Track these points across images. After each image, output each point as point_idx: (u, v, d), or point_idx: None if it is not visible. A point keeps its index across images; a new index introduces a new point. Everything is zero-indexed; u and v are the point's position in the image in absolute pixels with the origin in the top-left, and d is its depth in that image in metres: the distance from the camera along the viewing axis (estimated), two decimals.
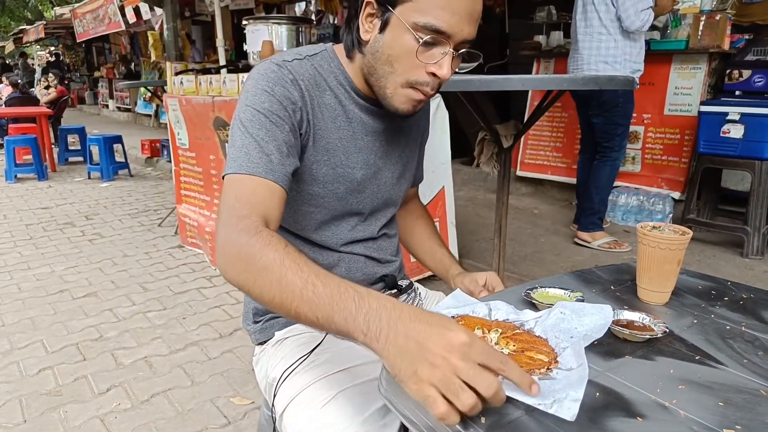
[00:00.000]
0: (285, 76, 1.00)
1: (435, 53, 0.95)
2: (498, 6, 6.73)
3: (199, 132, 3.67)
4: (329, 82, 1.07)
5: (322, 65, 1.08)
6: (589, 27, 3.41)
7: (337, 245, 1.15)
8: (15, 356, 2.55)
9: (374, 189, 1.15)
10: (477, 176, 5.60)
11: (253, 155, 0.94)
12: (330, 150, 1.07)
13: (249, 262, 0.81)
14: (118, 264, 3.84)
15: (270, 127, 0.97)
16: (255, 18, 3.28)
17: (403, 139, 1.21)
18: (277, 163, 0.95)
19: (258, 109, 0.97)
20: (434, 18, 0.91)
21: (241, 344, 2.64)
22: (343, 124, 1.08)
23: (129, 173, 7.27)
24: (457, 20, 0.92)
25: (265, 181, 0.93)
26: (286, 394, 1.02)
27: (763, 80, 3.86)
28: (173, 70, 4.00)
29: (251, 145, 0.95)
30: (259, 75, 1.01)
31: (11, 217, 5.14)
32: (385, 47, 0.97)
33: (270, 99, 0.98)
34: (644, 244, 1.02)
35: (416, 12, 0.92)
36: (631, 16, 3.24)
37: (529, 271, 3.30)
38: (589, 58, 3.42)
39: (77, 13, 12.40)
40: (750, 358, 0.82)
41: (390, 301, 0.72)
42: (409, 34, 0.93)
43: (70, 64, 20.78)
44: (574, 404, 0.66)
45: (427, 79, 0.97)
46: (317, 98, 1.05)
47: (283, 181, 0.96)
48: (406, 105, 1.01)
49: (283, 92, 0.99)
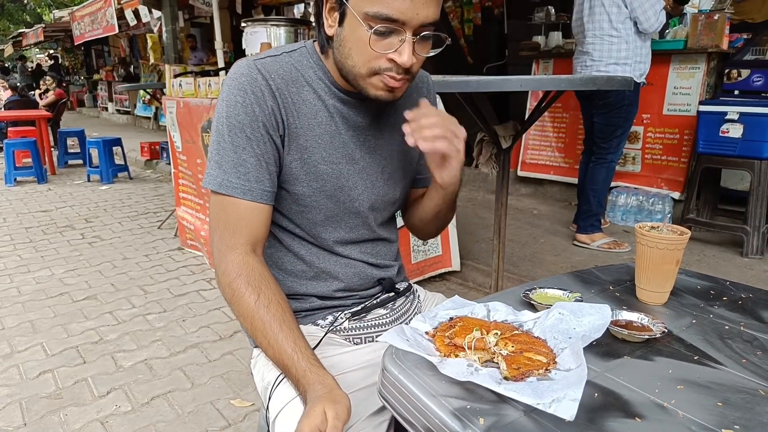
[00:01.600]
0: (255, 78, 1.01)
1: (392, 41, 0.93)
2: (497, 7, 6.74)
3: (188, 135, 3.68)
4: (307, 78, 1.06)
5: (301, 61, 1.07)
6: (598, 29, 3.39)
7: (333, 246, 1.14)
8: (15, 359, 2.55)
9: (367, 185, 1.13)
10: (476, 177, 5.61)
11: (232, 173, 1.01)
12: (309, 147, 1.06)
13: (231, 301, 1.02)
14: (117, 267, 3.84)
15: (246, 142, 1.01)
16: (253, 20, 3.29)
17: (395, 135, 1.14)
18: (254, 180, 1.01)
19: (234, 122, 1.01)
20: (384, 6, 0.90)
21: (241, 346, 2.64)
22: (324, 119, 1.07)
23: (128, 176, 7.27)
24: (410, 5, 0.90)
25: (246, 202, 1.02)
26: (280, 399, 1.02)
27: (762, 79, 3.85)
28: (172, 72, 4.01)
29: (230, 162, 1.01)
30: (231, 82, 1.02)
31: (11, 220, 5.13)
32: (344, 40, 0.97)
33: (245, 111, 1.00)
34: (642, 244, 1.02)
35: (367, 2, 0.91)
36: (650, 18, 3.24)
37: (528, 272, 3.30)
38: (600, 60, 3.41)
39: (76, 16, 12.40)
40: (749, 357, 0.83)
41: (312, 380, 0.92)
42: (362, 25, 0.92)
43: (69, 67, 20.79)
44: (572, 404, 0.66)
45: (388, 65, 0.96)
46: (294, 95, 1.05)
47: (263, 197, 1.03)
48: (380, 92, 0.99)
49: (255, 100, 1.01)
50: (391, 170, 1.17)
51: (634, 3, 3.25)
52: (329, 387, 0.90)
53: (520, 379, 0.75)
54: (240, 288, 0.99)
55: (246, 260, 1.01)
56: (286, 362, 0.94)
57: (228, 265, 1.01)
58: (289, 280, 1.15)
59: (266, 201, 1.03)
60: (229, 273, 1.01)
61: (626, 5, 3.28)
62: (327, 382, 0.90)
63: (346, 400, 0.88)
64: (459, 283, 3.41)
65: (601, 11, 3.36)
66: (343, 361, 1.08)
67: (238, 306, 1.00)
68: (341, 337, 1.16)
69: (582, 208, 3.73)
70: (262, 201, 1.03)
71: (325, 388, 0.89)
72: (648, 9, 3.24)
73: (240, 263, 1.01)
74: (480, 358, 0.80)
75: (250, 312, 0.98)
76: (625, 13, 3.30)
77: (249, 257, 1.02)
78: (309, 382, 0.91)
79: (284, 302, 1.00)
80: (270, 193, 1.04)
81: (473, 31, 6.95)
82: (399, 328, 0.85)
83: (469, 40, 6.96)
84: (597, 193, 3.65)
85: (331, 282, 1.15)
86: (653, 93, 4.24)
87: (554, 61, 4.99)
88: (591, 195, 3.64)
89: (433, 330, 0.88)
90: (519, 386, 0.72)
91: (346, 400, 0.88)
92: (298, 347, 0.94)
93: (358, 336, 1.17)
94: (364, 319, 1.18)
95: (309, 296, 1.16)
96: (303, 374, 0.92)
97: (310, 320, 1.16)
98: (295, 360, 0.93)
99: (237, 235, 1.02)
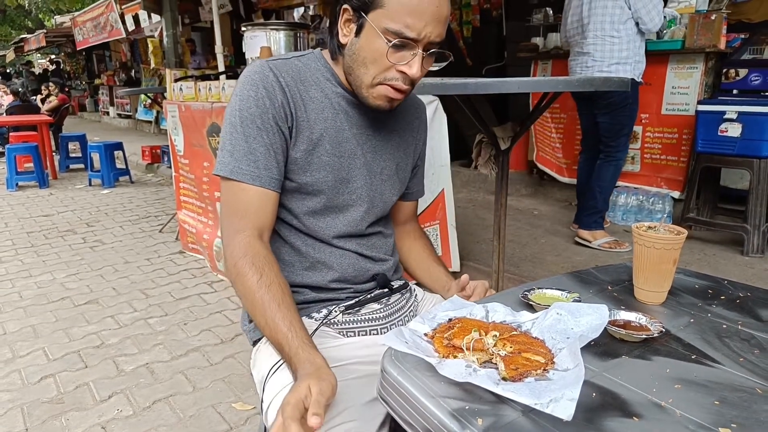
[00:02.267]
0: (267, 75, 1.10)
1: (405, 55, 1.04)
2: (495, 9, 6.74)
3: (194, 139, 3.68)
4: (315, 78, 1.15)
5: (309, 64, 1.17)
6: (600, 30, 3.39)
7: (329, 237, 1.19)
8: (17, 364, 2.56)
9: (366, 181, 1.20)
10: (476, 178, 5.61)
11: (243, 161, 1.08)
12: (315, 140, 1.13)
13: (235, 281, 1.06)
14: (119, 270, 3.84)
15: (257, 132, 1.08)
16: (253, 24, 3.29)
17: (395, 138, 1.26)
18: (263, 168, 1.09)
19: (246, 114, 1.08)
20: (403, 23, 1.01)
21: (243, 349, 2.64)
22: (330, 115, 1.15)
23: (130, 180, 7.29)
24: (424, 25, 1.01)
25: (255, 188, 1.09)
26: (273, 389, 1.06)
27: (760, 78, 3.86)
28: (173, 76, 4.02)
29: (241, 150, 1.08)
30: (246, 79, 1.11)
31: (12, 225, 5.15)
32: (360, 50, 1.07)
33: (256, 103, 1.08)
34: (640, 244, 1.02)
35: (387, 18, 1.01)
36: (654, 18, 3.28)
37: (529, 273, 3.30)
38: (602, 60, 3.42)
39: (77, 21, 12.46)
40: (746, 356, 0.83)
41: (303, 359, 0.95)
42: (381, 38, 1.03)
43: (70, 71, 20.83)
44: (570, 404, 0.67)
45: (396, 75, 1.06)
46: (302, 92, 1.13)
47: (271, 184, 1.10)
48: (380, 101, 1.10)
49: (266, 94, 1.08)
50: (390, 172, 1.25)
51: (638, 4, 3.27)
52: (317, 365, 0.93)
53: (518, 379, 0.75)
54: (244, 267, 1.04)
55: (252, 242, 1.07)
56: (280, 340, 0.98)
57: (235, 247, 1.07)
58: (285, 271, 1.18)
59: (274, 188, 1.10)
60: (235, 254, 1.06)
61: (629, 6, 3.30)
62: (316, 362, 0.94)
63: (332, 378, 0.91)
64: None
65: (603, 12, 3.37)
66: (338, 353, 1.12)
67: (241, 285, 1.04)
68: (335, 331, 1.19)
69: (587, 204, 3.73)
70: (270, 187, 1.10)
71: (313, 366, 0.93)
72: (651, 9, 3.26)
73: (246, 245, 1.07)
74: (478, 359, 0.80)
75: (251, 291, 1.03)
76: (628, 13, 3.31)
77: (255, 240, 1.08)
78: (300, 360, 0.94)
79: (285, 285, 1.05)
80: (277, 181, 1.11)
81: (472, 33, 6.95)
82: (398, 330, 0.86)
83: (467, 42, 6.96)
84: (604, 190, 3.67)
85: (326, 272, 1.19)
86: (652, 93, 4.24)
87: (553, 62, 5.00)
88: (598, 192, 3.66)
89: (431, 331, 0.89)
90: (517, 386, 0.72)
91: (332, 377, 0.91)
92: (294, 327, 0.99)
93: (352, 330, 1.20)
94: (358, 313, 1.21)
95: (303, 287, 1.20)
96: (295, 352, 0.95)
97: (304, 313, 1.19)
98: (289, 338, 0.97)
99: (245, 219, 1.09)
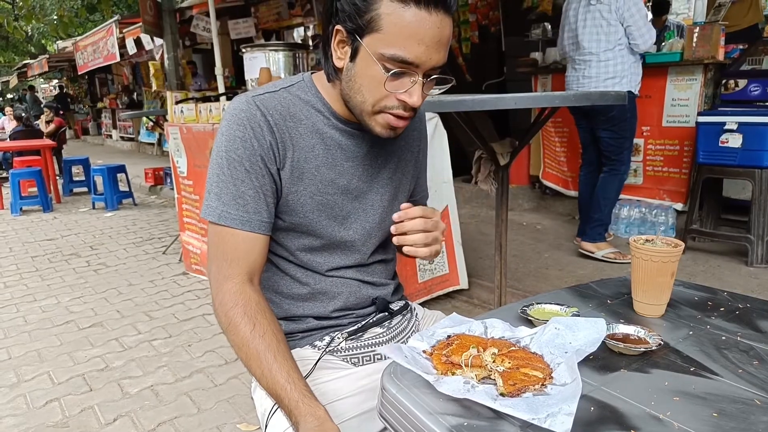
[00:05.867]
0: (254, 114, 1.03)
1: (404, 82, 0.96)
2: (493, 25, 6.80)
3: (197, 160, 3.71)
4: (305, 112, 1.08)
5: (299, 95, 1.09)
6: (594, 47, 3.44)
7: (327, 270, 1.15)
8: (22, 389, 2.55)
9: (361, 215, 1.15)
10: (479, 194, 5.61)
11: (231, 205, 1.03)
12: (306, 180, 1.08)
13: (228, 331, 1.03)
14: (123, 293, 3.85)
15: (245, 175, 1.03)
16: (252, 45, 3.34)
17: (393, 161, 1.19)
18: (253, 211, 1.04)
19: (234, 155, 1.03)
20: (401, 49, 0.92)
21: (246, 370, 2.63)
22: (320, 152, 1.08)
23: (133, 202, 7.32)
24: (425, 50, 0.93)
25: (244, 233, 1.04)
26: (277, 427, 1.03)
27: (759, 89, 3.87)
28: (174, 99, 4.06)
29: (229, 194, 1.03)
30: (231, 117, 1.05)
31: (17, 249, 5.17)
32: (356, 76, 0.99)
33: (243, 144, 1.03)
34: (637, 257, 1.03)
35: (383, 43, 0.93)
36: (644, 34, 3.33)
37: (533, 287, 3.29)
38: (598, 77, 3.47)
39: (79, 45, 12.61)
40: (745, 368, 0.83)
41: None
42: (377, 65, 0.94)
43: (73, 95, 21.02)
44: (567, 418, 0.67)
45: (396, 104, 0.99)
46: (291, 129, 1.06)
47: (261, 228, 1.05)
48: (384, 130, 1.03)
49: (254, 134, 1.03)
50: (389, 197, 1.19)
51: (629, 20, 3.31)
52: (320, 419, 0.91)
53: (516, 394, 0.75)
54: (236, 318, 1.01)
55: (242, 290, 1.03)
56: (279, 392, 0.95)
57: (225, 295, 1.03)
58: (286, 303, 1.16)
59: (264, 231, 1.06)
60: (225, 303, 1.02)
61: (622, 23, 3.34)
62: (318, 414, 0.92)
63: None
64: (464, 301, 3.40)
65: (599, 30, 3.41)
66: (339, 387, 1.09)
67: (234, 335, 1.01)
68: (338, 358, 1.17)
69: (591, 217, 3.74)
70: (260, 231, 1.05)
71: (317, 421, 0.91)
72: (642, 26, 3.32)
73: (236, 293, 1.02)
74: (477, 375, 0.80)
75: (245, 342, 0.99)
76: (621, 30, 3.36)
77: (246, 287, 1.03)
78: (301, 414, 0.92)
79: (279, 333, 1.02)
80: (267, 224, 1.06)
81: (471, 49, 7.01)
82: (397, 346, 0.86)
83: (467, 58, 7.02)
84: (608, 203, 3.71)
85: (328, 302, 1.16)
86: (652, 105, 4.27)
87: (552, 76, 5.03)
88: (603, 204, 3.69)
89: (430, 348, 0.89)
90: (515, 402, 0.72)
91: (335, 431, 0.90)
92: (292, 378, 0.96)
93: (356, 356, 1.17)
94: (361, 338, 1.18)
95: (305, 317, 1.17)
96: (295, 405, 0.93)
97: (307, 341, 1.17)
98: (288, 390, 0.94)
99: (234, 265, 1.04)
